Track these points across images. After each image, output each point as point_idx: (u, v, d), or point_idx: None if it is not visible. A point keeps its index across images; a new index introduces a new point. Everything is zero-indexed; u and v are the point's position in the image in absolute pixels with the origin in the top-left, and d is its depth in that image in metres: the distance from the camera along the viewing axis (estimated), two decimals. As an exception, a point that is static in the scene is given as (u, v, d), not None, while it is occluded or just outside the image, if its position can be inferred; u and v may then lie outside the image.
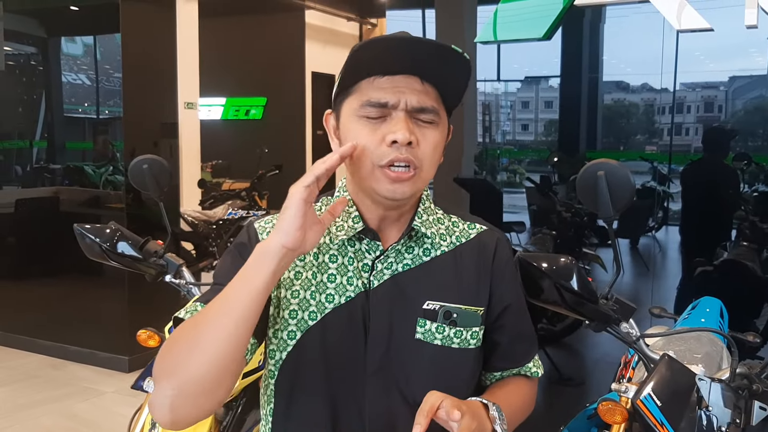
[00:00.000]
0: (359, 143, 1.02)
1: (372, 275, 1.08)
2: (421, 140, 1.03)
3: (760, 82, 3.53)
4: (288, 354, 1.07)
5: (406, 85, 1.02)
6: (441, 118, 1.06)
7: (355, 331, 1.07)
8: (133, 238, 2.08)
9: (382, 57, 1.01)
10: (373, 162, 1.02)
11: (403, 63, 1.01)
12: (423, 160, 1.03)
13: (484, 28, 3.22)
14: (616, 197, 1.40)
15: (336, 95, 1.09)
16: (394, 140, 1.00)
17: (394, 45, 1.01)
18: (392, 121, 1.01)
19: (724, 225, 3.28)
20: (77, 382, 4.05)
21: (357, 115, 1.03)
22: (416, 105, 1.02)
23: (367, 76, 1.03)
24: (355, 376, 1.06)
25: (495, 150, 4.41)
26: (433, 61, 1.01)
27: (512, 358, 1.19)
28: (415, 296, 1.09)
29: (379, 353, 1.07)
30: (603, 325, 1.49)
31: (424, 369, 1.08)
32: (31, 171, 5.07)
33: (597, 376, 3.42)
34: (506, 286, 1.16)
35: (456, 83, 1.06)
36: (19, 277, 4.85)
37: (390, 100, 1.01)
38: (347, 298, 1.07)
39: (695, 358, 1.80)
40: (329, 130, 1.11)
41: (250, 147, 7.60)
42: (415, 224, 1.10)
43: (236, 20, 7.89)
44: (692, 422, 1.35)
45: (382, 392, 1.07)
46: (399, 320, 1.08)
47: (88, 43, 4.86)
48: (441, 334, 1.09)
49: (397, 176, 1.01)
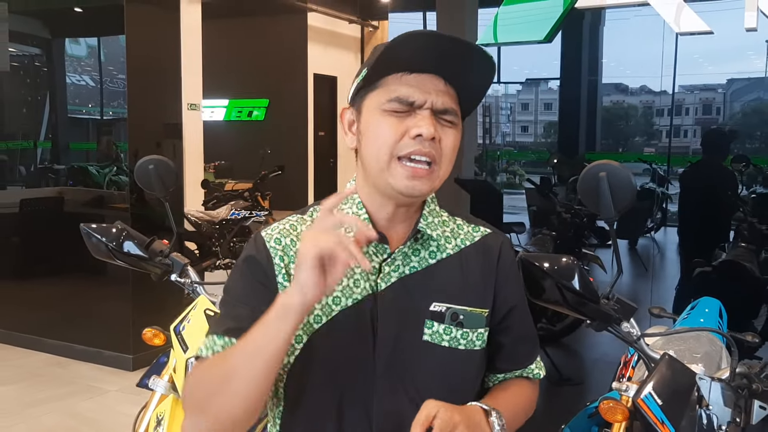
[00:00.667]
0: (381, 136, 1.03)
1: (379, 278, 1.09)
2: (443, 138, 1.05)
3: (758, 84, 3.55)
4: (296, 358, 1.08)
5: (433, 85, 1.04)
6: (459, 120, 1.09)
7: (363, 333, 1.07)
8: (139, 237, 2.10)
9: (412, 53, 1.03)
10: (392, 154, 1.03)
11: (431, 62, 1.03)
12: (442, 158, 1.06)
13: (485, 30, 3.24)
14: (618, 198, 1.41)
15: (357, 89, 1.09)
16: (418, 134, 1.02)
17: (432, 40, 1.03)
18: (418, 117, 1.03)
19: (722, 226, 3.31)
20: (81, 381, 4.07)
21: (382, 109, 1.05)
22: (440, 107, 1.05)
23: (396, 71, 1.05)
24: (363, 377, 1.07)
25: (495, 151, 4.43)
26: (459, 63, 1.04)
27: (515, 359, 1.20)
28: (423, 298, 1.10)
29: (386, 355, 1.07)
30: (604, 325, 1.50)
31: (432, 370, 1.09)
32: (35, 171, 5.09)
33: (596, 376, 3.44)
34: (510, 288, 1.17)
35: (477, 88, 1.09)
36: (24, 277, 4.87)
37: (417, 99, 1.03)
38: (354, 300, 1.08)
39: (695, 357, 1.81)
40: (344, 126, 1.12)
41: (253, 148, 7.63)
42: (421, 226, 1.10)
43: (239, 22, 7.92)
44: (693, 421, 1.37)
45: (390, 393, 1.07)
46: (407, 322, 1.09)
47: (92, 44, 4.89)
48: (448, 336, 1.10)
49: (414, 171, 1.03)
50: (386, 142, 1.03)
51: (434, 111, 1.04)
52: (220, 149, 7.63)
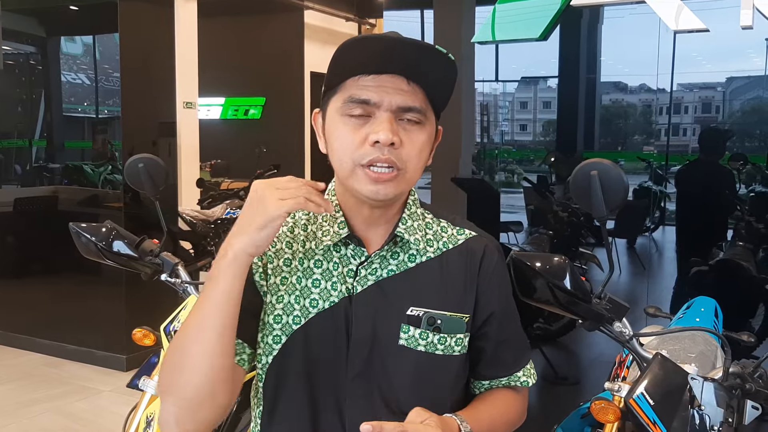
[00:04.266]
0: (340, 143, 1.03)
1: (356, 280, 1.08)
2: (405, 141, 1.02)
3: (758, 82, 3.53)
4: (273, 358, 1.08)
5: (392, 85, 1.01)
6: (428, 118, 1.05)
7: (337, 336, 1.06)
8: (128, 237, 2.08)
9: (368, 56, 1.00)
10: (354, 161, 1.01)
11: (389, 63, 1.00)
12: (407, 162, 1.02)
13: (481, 28, 3.23)
14: (610, 197, 1.40)
15: (323, 94, 1.08)
16: (376, 140, 0.99)
17: (378, 46, 1.00)
18: (375, 122, 1.00)
19: (720, 225, 3.29)
20: (75, 381, 4.05)
21: (340, 114, 1.03)
22: (401, 104, 1.01)
23: (352, 74, 1.02)
24: (336, 380, 1.06)
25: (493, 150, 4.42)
26: (419, 62, 1.00)
27: (499, 366, 1.17)
28: (399, 302, 1.08)
29: (360, 358, 1.06)
30: (596, 325, 1.49)
31: (407, 375, 1.07)
32: (30, 170, 5.08)
33: (592, 376, 3.42)
34: (492, 294, 1.14)
35: (442, 84, 1.05)
36: (18, 276, 4.86)
37: (372, 98, 1.00)
38: (331, 303, 1.07)
39: (689, 357, 1.80)
40: (317, 129, 1.11)
41: (249, 147, 7.62)
42: (399, 231, 1.09)
43: (235, 20, 7.91)
44: (685, 421, 1.35)
45: (362, 397, 1.06)
46: (382, 326, 1.07)
47: (87, 42, 4.87)
48: (425, 341, 1.08)
49: (377, 176, 1.01)
50: (346, 150, 1.01)
51: (395, 110, 1.01)
52: (217, 148, 7.62)
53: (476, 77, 3.78)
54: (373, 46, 1.00)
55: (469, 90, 3.63)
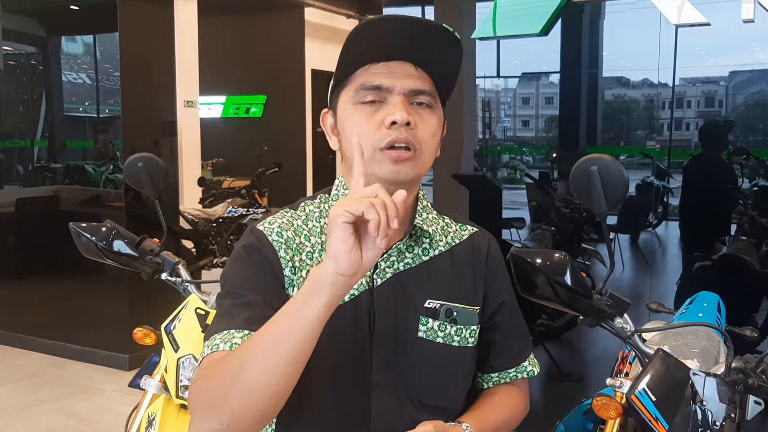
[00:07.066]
0: (357, 132, 1.01)
1: (375, 273, 1.08)
2: (419, 123, 1.03)
3: (761, 76, 3.52)
4: None
5: (401, 70, 1.03)
6: (437, 104, 1.07)
7: (360, 329, 1.07)
8: (128, 236, 2.08)
9: (376, 43, 1.02)
10: (373, 146, 1.02)
11: (396, 48, 1.02)
12: (422, 143, 1.04)
13: (482, 24, 3.22)
14: (610, 192, 1.39)
15: (332, 90, 1.09)
16: (393, 121, 1.01)
17: (384, 27, 1.02)
18: (389, 105, 1.02)
19: (723, 220, 3.28)
20: (78, 381, 4.06)
21: (353, 103, 1.04)
22: (413, 87, 1.03)
23: (362, 64, 1.04)
24: (360, 373, 1.06)
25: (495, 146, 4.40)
26: (425, 44, 1.02)
27: (508, 356, 1.20)
28: (417, 294, 1.10)
29: (383, 351, 1.07)
30: (597, 321, 1.48)
31: (426, 366, 1.09)
32: (32, 170, 5.09)
33: (596, 372, 3.42)
34: (499, 285, 1.18)
35: (448, 67, 1.07)
36: (20, 276, 4.86)
37: (384, 83, 1.02)
38: (351, 295, 1.07)
39: (692, 352, 1.79)
40: (326, 129, 1.12)
41: (250, 145, 7.61)
42: (417, 222, 1.10)
43: (236, 18, 7.89)
44: (687, 417, 1.35)
45: (386, 389, 1.07)
46: (402, 318, 1.08)
47: (88, 42, 4.88)
48: (443, 332, 1.10)
49: (398, 155, 1.01)
50: (364, 136, 1.01)
51: (407, 94, 1.03)
52: (218, 146, 7.62)
53: (477, 73, 3.77)
54: (379, 28, 1.02)
55: (471, 86, 3.63)
